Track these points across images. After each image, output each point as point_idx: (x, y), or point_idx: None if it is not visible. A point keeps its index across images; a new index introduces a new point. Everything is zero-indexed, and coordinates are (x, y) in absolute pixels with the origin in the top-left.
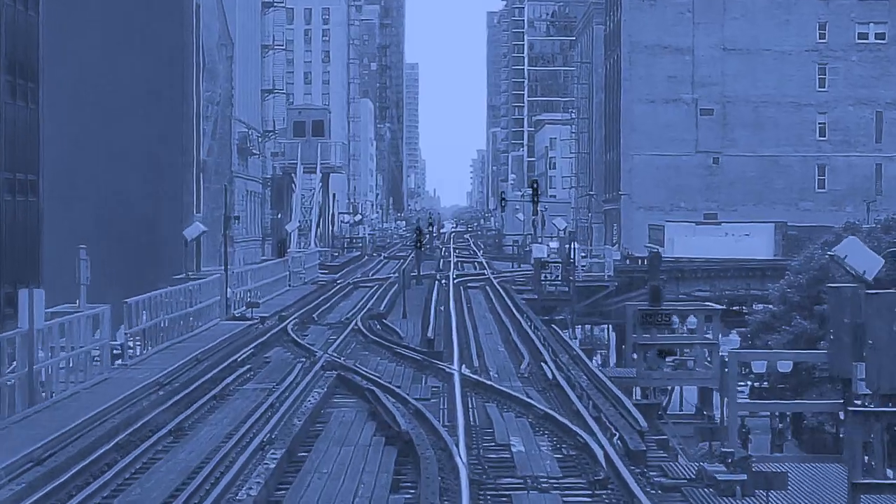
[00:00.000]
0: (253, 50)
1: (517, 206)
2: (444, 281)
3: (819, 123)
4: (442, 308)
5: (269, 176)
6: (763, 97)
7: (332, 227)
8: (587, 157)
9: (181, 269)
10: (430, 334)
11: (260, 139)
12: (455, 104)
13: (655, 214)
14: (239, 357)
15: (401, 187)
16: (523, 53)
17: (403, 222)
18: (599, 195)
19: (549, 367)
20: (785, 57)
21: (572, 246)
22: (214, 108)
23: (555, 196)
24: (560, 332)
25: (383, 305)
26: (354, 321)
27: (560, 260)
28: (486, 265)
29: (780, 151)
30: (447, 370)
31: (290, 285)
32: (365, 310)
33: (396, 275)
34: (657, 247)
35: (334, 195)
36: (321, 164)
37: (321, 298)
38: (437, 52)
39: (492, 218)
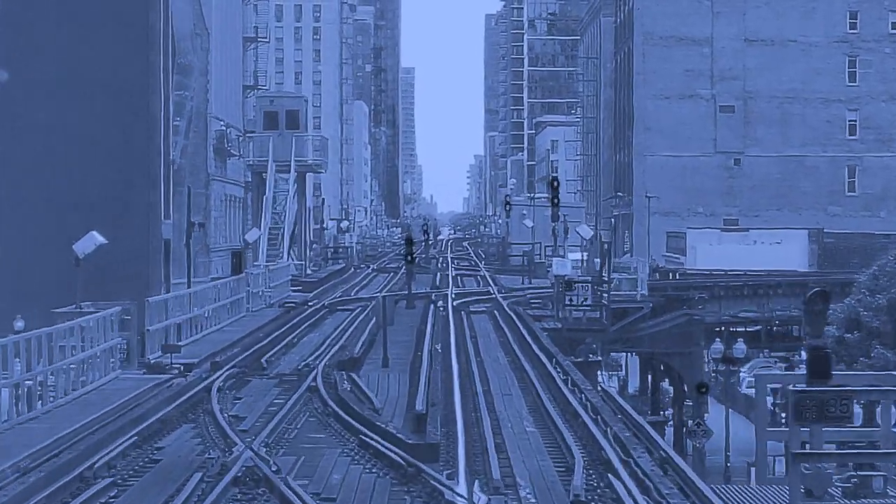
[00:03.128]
0: (233, 42)
1: (524, 212)
2: (440, 303)
3: (849, 121)
4: (439, 347)
5: (250, 179)
6: (788, 92)
7: (323, 234)
8: (594, 159)
9: (146, 283)
10: (419, 405)
11: (240, 139)
12: (452, 110)
13: (671, 220)
14: (105, 455)
15: (397, 193)
16: (523, 55)
17: (398, 229)
18: (608, 200)
19: (625, 485)
20: (812, 49)
21: (607, 260)
22: (188, 104)
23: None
24: (611, 391)
25: (360, 344)
26: (315, 371)
27: (589, 278)
28: (490, 280)
29: (807, 151)
30: (448, 494)
31: (249, 310)
32: (334, 349)
33: (381, 296)
34: (679, 256)
35: (323, 200)
36: (296, 161)
37: (282, 330)
38: (434, 57)
39: (492, 224)
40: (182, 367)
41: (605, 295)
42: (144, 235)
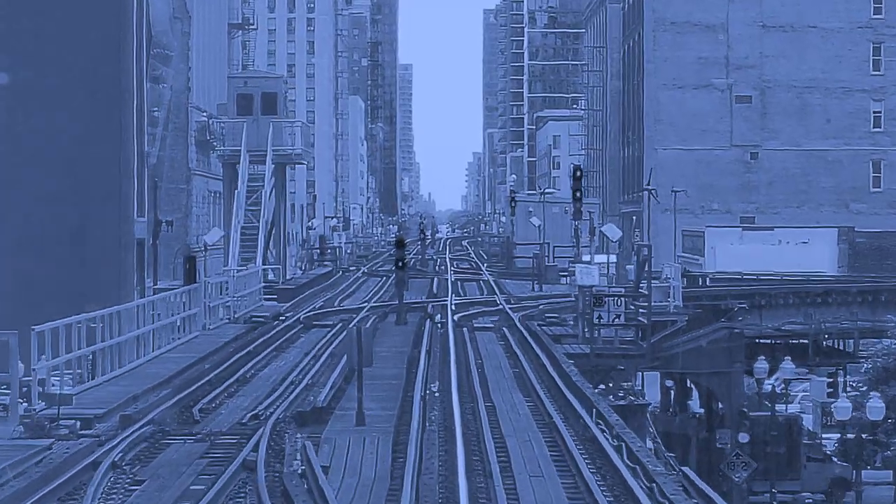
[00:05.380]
0: (218, 29)
1: (530, 209)
2: (437, 317)
3: (874, 112)
4: (435, 389)
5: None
6: (808, 82)
7: (309, 234)
8: (599, 154)
9: (117, 287)
10: None
11: (224, 130)
12: (450, 107)
13: (684, 218)
14: None
15: (394, 191)
16: (523, 49)
17: (396, 226)
18: (616, 196)
19: None
20: (833, 35)
21: (647, 268)
22: (167, 93)
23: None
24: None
25: (329, 385)
26: (262, 430)
27: (621, 290)
28: (494, 286)
29: (828, 145)
30: None
31: (206, 326)
32: (297, 390)
33: (354, 327)
34: (697, 257)
35: (315, 196)
36: (273, 150)
37: (236, 358)
38: (432, 53)
39: (492, 222)
40: (78, 424)
41: (642, 311)
42: (114, 234)
